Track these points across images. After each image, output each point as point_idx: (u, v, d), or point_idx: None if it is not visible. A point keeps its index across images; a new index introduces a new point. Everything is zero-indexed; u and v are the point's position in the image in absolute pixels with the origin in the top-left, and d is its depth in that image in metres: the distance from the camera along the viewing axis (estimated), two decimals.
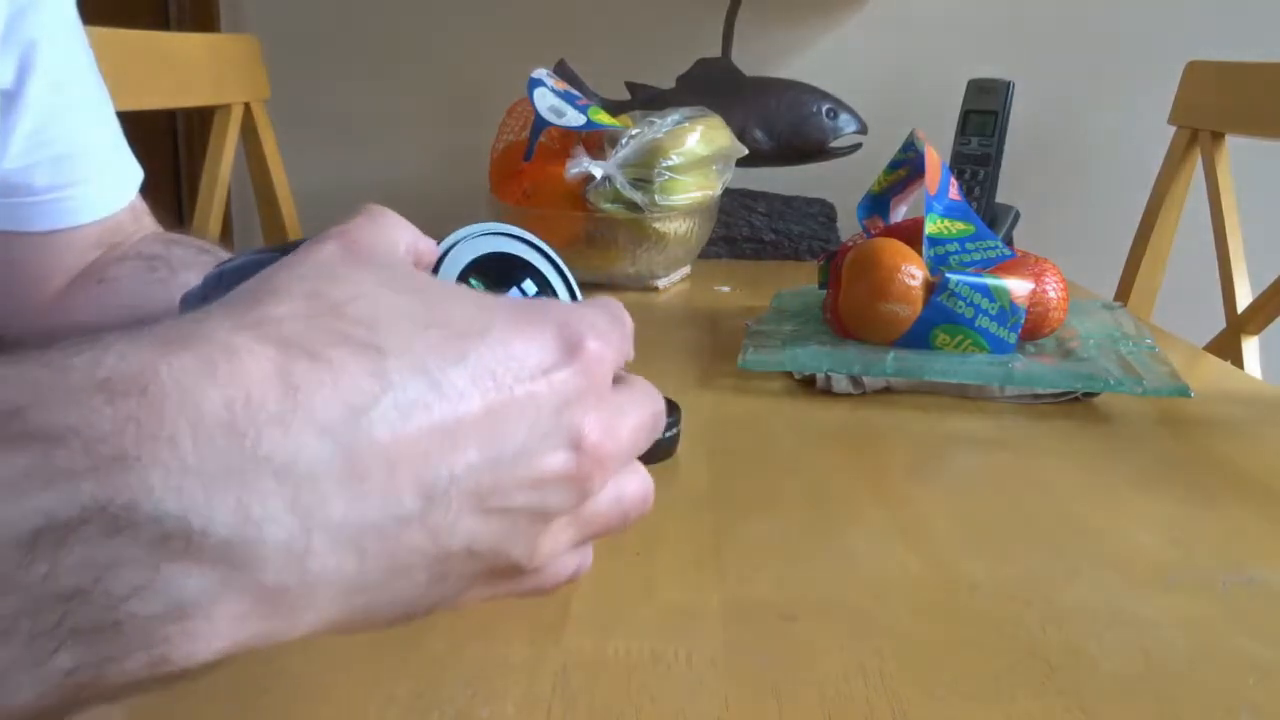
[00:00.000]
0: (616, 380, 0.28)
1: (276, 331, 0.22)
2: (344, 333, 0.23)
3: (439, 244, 0.30)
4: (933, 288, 0.65)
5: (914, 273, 0.66)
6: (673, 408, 0.50)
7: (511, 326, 0.25)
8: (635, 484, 0.28)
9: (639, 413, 0.28)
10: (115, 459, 0.19)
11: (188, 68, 1.08)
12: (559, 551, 0.27)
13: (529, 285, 0.33)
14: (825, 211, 1.18)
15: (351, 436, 0.22)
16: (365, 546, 0.22)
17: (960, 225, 0.71)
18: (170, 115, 1.55)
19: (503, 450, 0.24)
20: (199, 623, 0.20)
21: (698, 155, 0.91)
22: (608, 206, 0.90)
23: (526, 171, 0.94)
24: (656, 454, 0.50)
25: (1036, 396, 0.63)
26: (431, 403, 0.23)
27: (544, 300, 0.30)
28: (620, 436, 0.27)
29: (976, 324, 0.65)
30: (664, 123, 0.91)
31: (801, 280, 0.90)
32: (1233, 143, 1.11)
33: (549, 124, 0.91)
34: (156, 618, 0.19)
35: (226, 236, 1.37)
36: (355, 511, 0.22)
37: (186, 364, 0.20)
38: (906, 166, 0.81)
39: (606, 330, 0.27)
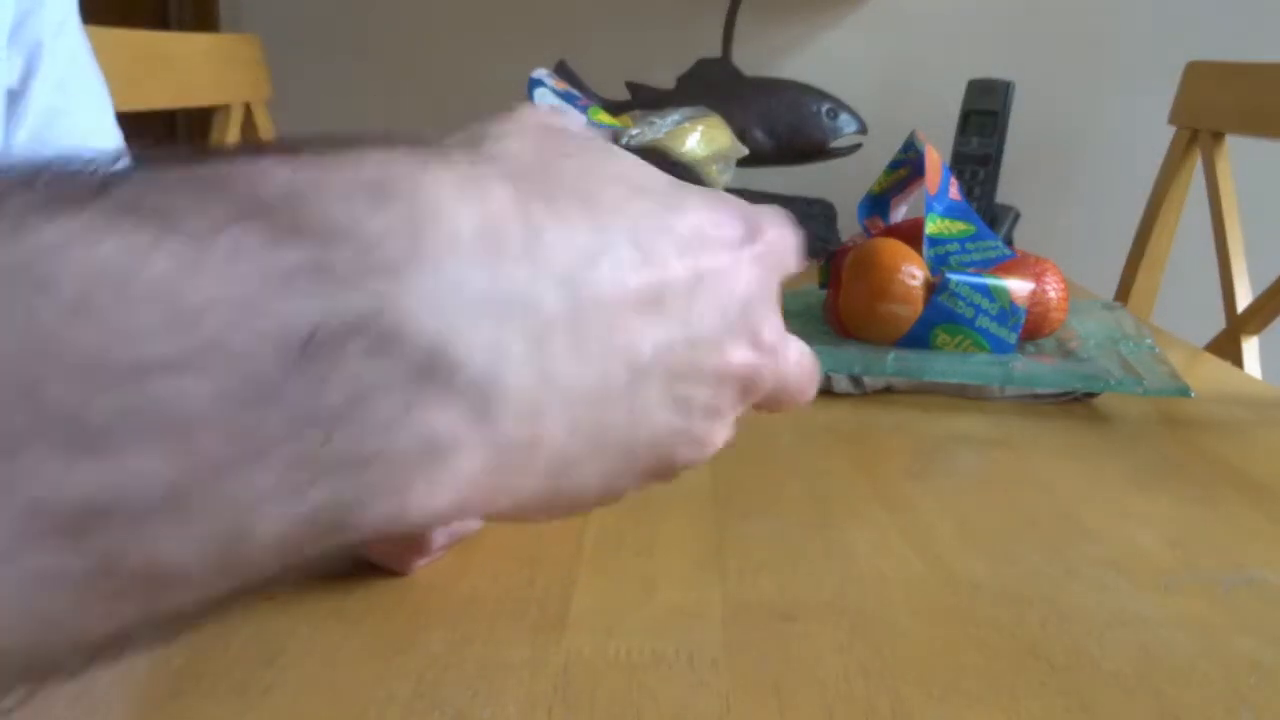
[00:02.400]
0: None
1: (511, 168, 0.21)
2: (568, 184, 0.22)
3: None
4: (933, 288, 0.65)
5: (914, 273, 0.66)
6: None
7: (704, 202, 0.25)
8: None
9: (802, 345, 0.28)
10: (385, 270, 0.17)
11: (188, 68, 1.08)
12: (705, 448, 0.26)
13: None
14: (825, 211, 1.18)
15: (579, 291, 0.20)
16: (578, 416, 0.21)
17: (960, 225, 0.71)
18: (170, 115, 1.55)
19: (699, 331, 0.23)
20: (442, 470, 0.18)
21: (698, 155, 0.91)
22: None
23: None
24: None
25: (1037, 396, 0.63)
26: (641, 268, 0.22)
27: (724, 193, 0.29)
28: (789, 354, 0.27)
29: (977, 324, 0.65)
30: (664, 123, 0.91)
31: (801, 280, 0.90)
32: (1233, 143, 1.11)
33: None
34: (409, 456, 0.18)
35: None
36: (577, 374, 0.20)
37: (445, 180, 0.19)
38: (906, 166, 0.80)
39: (784, 224, 0.27)
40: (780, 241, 0.26)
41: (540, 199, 0.21)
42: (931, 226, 0.70)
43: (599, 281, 0.21)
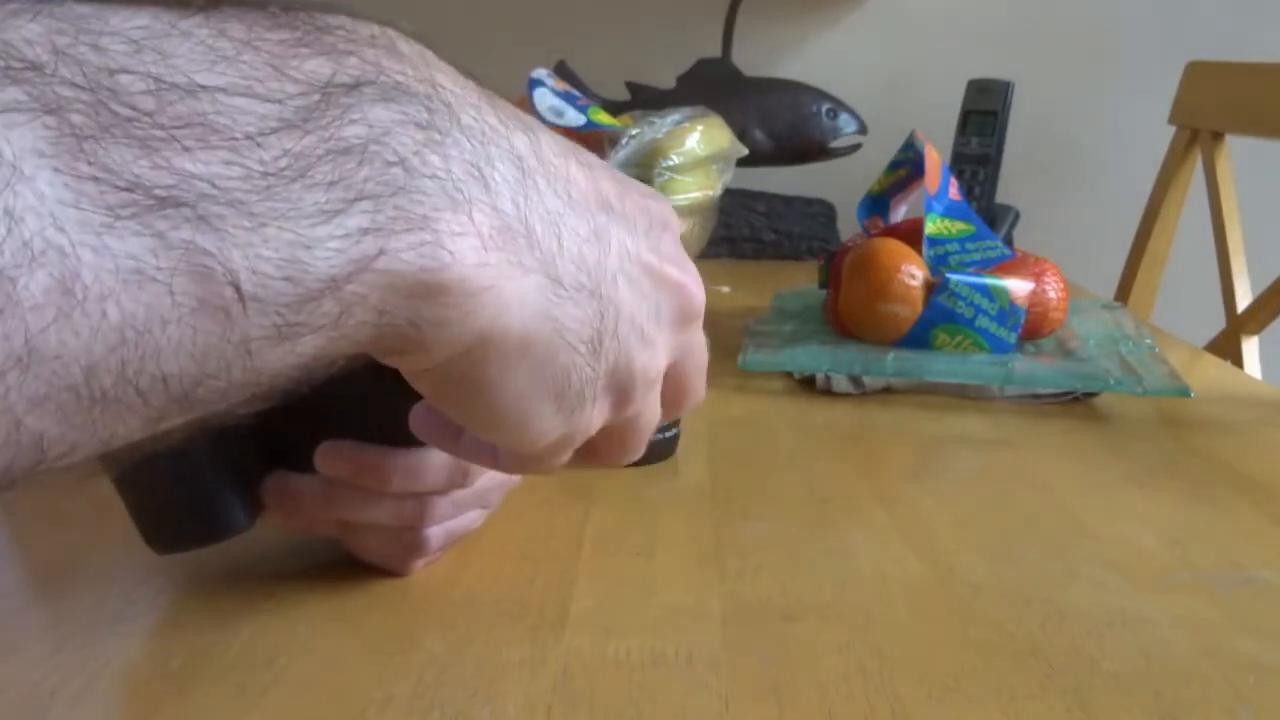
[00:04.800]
0: None
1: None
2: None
3: None
4: (933, 288, 0.65)
5: (914, 273, 0.66)
6: None
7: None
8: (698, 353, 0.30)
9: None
10: (382, 48, 0.21)
11: None
12: (652, 380, 0.28)
13: None
14: (825, 211, 1.18)
15: (554, 153, 0.25)
16: (562, 232, 0.24)
17: (960, 225, 0.71)
18: None
19: (638, 225, 0.27)
20: (462, 217, 0.21)
21: (698, 155, 0.91)
22: None
23: None
24: (656, 454, 0.50)
25: (1036, 396, 0.63)
26: (597, 163, 0.26)
27: None
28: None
29: (976, 324, 0.65)
30: (664, 123, 0.91)
31: (801, 280, 0.90)
32: (1233, 143, 1.11)
33: (549, 124, 0.91)
34: (430, 192, 0.20)
35: None
36: (560, 201, 0.24)
37: (404, 33, 0.23)
38: (906, 166, 0.80)
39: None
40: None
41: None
42: (931, 226, 0.70)
43: (574, 156, 0.25)
